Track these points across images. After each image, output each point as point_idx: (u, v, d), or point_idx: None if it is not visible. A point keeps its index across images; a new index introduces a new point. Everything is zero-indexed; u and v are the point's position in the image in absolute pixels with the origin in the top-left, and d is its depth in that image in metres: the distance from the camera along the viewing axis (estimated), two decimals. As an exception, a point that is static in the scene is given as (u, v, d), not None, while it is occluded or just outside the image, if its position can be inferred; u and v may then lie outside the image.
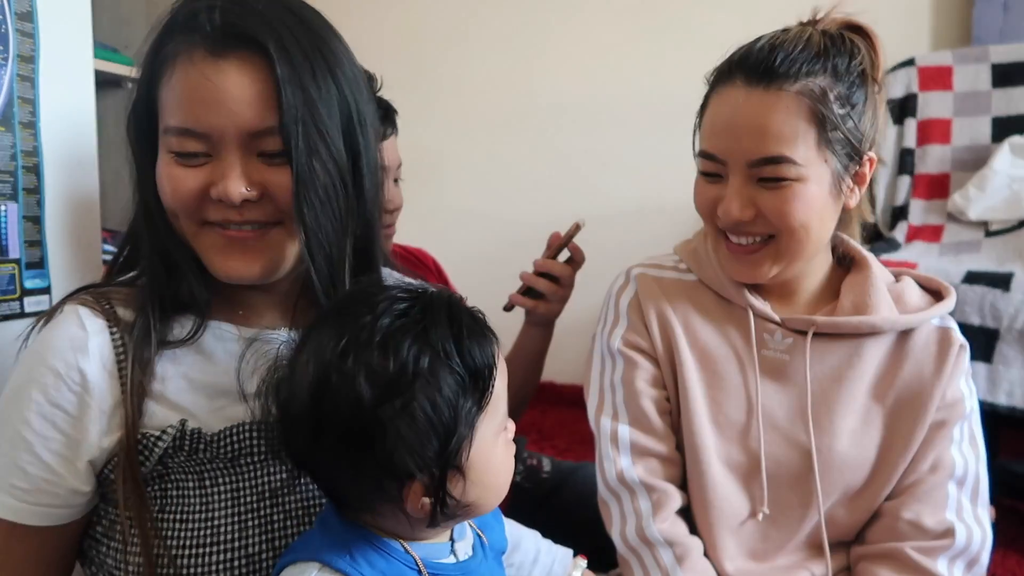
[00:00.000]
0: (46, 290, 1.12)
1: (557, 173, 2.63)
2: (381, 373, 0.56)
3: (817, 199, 0.80)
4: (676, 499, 0.87)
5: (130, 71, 1.80)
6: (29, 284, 1.09)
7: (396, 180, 1.28)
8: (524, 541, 0.82)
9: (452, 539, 0.67)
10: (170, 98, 0.68)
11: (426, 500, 0.58)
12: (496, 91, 2.69)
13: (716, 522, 0.86)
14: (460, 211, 2.70)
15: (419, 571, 0.61)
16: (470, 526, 0.71)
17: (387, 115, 1.23)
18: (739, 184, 0.81)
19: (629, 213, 2.47)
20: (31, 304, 1.10)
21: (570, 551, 0.85)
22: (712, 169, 0.84)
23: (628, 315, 0.93)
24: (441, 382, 0.56)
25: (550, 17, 2.61)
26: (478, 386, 0.59)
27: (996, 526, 1.06)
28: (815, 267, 0.90)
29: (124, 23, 1.86)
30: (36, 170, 1.09)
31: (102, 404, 0.69)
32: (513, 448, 0.66)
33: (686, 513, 0.88)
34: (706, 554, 0.87)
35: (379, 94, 1.20)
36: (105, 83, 1.77)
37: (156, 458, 0.68)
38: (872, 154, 0.84)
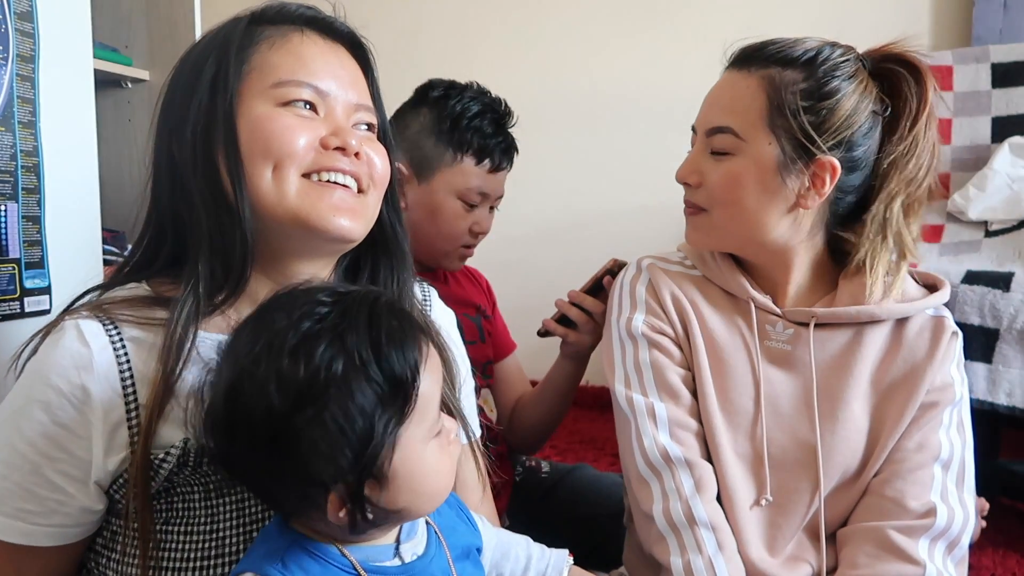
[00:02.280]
0: (46, 290, 1.12)
1: (558, 173, 2.63)
2: (292, 380, 0.54)
3: (754, 178, 0.86)
4: (714, 480, 0.87)
5: (130, 71, 1.81)
6: (29, 284, 1.09)
7: (492, 208, 1.30)
8: (513, 548, 0.79)
9: (398, 540, 0.65)
10: (284, 59, 0.74)
11: (345, 510, 0.57)
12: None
13: (731, 509, 0.87)
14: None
15: (357, 574, 0.60)
16: (427, 522, 0.69)
17: (508, 150, 1.27)
18: (696, 151, 0.91)
19: (630, 213, 2.47)
20: (31, 304, 1.10)
21: (564, 552, 0.83)
22: (692, 140, 0.94)
23: (647, 301, 0.95)
24: (355, 390, 0.54)
25: (551, 17, 2.61)
26: (398, 393, 0.56)
27: (987, 519, 1.06)
28: (796, 262, 0.91)
29: (124, 23, 1.86)
30: (36, 170, 1.10)
31: (106, 423, 0.67)
32: (455, 448, 0.63)
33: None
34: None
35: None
36: (105, 83, 1.77)
37: (162, 478, 0.67)
38: (830, 158, 0.84)
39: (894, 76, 0.87)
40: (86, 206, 1.19)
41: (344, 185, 0.73)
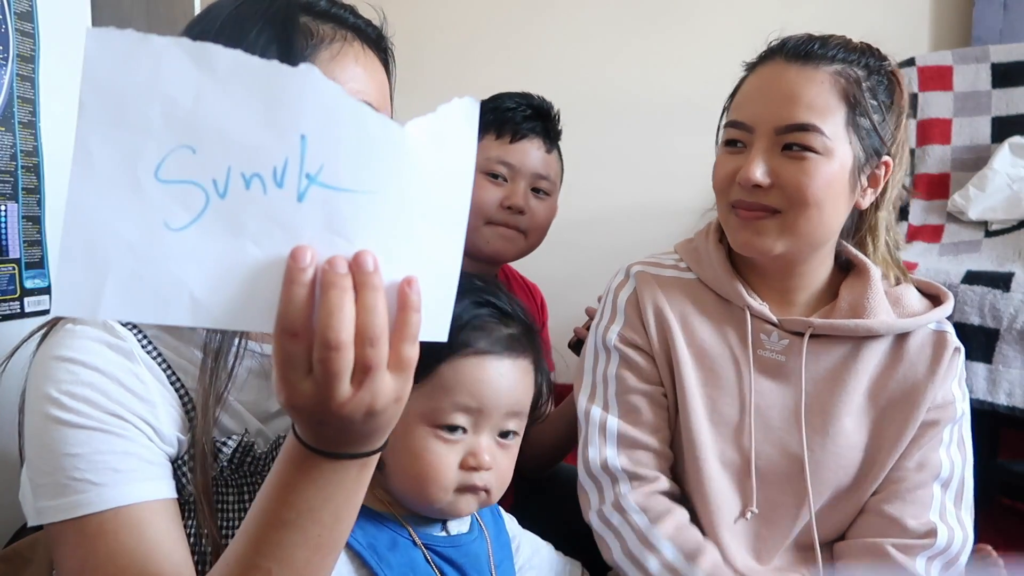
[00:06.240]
0: (46, 290, 1.12)
1: (567, 176, 2.63)
2: None
3: (837, 180, 0.82)
4: (661, 482, 0.87)
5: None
6: (29, 284, 1.10)
7: (540, 192, 1.31)
8: (543, 550, 0.86)
9: (445, 520, 0.73)
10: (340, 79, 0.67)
11: None
12: (495, 92, 2.69)
13: (715, 520, 0.86)
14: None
15: (413, 541, 0.67)
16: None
17: (530, 119, 1.32)
18: (763, 149, 0.83)
19: (629, 212, 2.47)
20: (31, 304, 1.10)
21: (579, 563, 0.88)
22: (737, 137, 0.86)
23: (625, 311, 0.93)
24: None
25: (550, 17, 2.61)
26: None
27: (987, 526, 1.05)
28: (817, 269, 0.90)
29: (124, 23, 1.86)
30: (36, 170, 1.10)
31: (163, 407, 0.64)
32: (451, 463, 0.66)
33: (683, 505, 0.89)
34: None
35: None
36: (105, 83, 1.77)
37: (222, 463, 0.66)
38: (889, 159, 0.86)
39: (877, 52, 0.88)
40: (86, 206, 1.19)
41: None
